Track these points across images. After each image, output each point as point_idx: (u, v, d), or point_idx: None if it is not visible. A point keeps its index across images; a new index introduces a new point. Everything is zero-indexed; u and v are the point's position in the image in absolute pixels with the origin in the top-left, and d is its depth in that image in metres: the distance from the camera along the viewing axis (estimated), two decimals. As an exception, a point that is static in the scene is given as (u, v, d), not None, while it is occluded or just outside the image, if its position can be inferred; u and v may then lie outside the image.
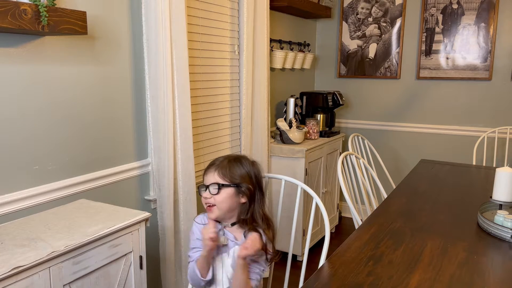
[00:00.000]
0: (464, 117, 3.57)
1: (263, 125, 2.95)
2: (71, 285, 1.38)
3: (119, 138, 2.02)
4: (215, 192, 1.38)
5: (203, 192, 1.42)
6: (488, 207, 1.74)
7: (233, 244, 1.42)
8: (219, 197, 1.39)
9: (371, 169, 2.62)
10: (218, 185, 1.38)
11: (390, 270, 1.29)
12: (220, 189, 1.38)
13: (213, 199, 1.39)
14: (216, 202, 1.39)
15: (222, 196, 1.39)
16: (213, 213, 1.40)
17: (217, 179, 1.40)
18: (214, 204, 1.39)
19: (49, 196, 1.72)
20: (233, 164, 1.41)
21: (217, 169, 1.41)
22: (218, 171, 1.40)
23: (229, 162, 1.42)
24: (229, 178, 1.39)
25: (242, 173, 1.41)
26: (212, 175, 1.41)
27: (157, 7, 1.98)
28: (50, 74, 1.69)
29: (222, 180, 1.39)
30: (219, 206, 1.39)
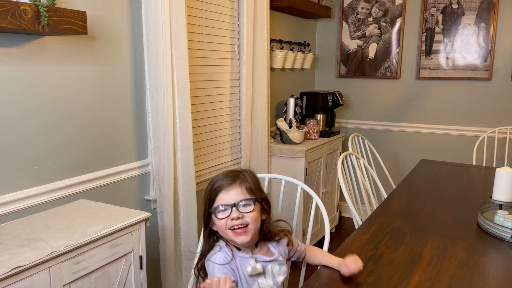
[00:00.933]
0: (464, 117, 3.57)
1: (263, 125, 2.95)
2: (71, 285, 1.38)
3: (119, 138, 2.02)
4: (250, 209, 1.19)
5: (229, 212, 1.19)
6: (488, 207, 1.74)
7: (266, 265, 1.25)
8: (252, 216, 1.19)
9: (371, 169, 2.62)
10: (253, 200, 1.20)
11: (390, 270, 1.29)
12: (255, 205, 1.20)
13: (247, 217, 1.19)
14: (250, 220, 1.19)
15: (254, 214, 1.20)
16: (247, 235, 1.19)
17: (245, 195, 1.21)
18: (248, 223, 1.19)
19: (49, 196, 1.72)
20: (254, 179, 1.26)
21: (242, 183, 1.22)
22: (244, 187, 1.22)
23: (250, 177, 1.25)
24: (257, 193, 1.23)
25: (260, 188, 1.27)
26: (239, 191, 1.21)
27: (157, 7, 1.98)
28: (50, 74, 1.69)
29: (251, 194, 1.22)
30: (252, 225, 1.19)
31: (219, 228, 1.22)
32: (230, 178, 1.23)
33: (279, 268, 1.28)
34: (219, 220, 1.20)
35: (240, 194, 1.21)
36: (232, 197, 1.21)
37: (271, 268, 1.27)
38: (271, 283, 1.26)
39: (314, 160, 3.17)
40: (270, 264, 1.27)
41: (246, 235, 1.19)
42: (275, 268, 1.27)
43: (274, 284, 1.27)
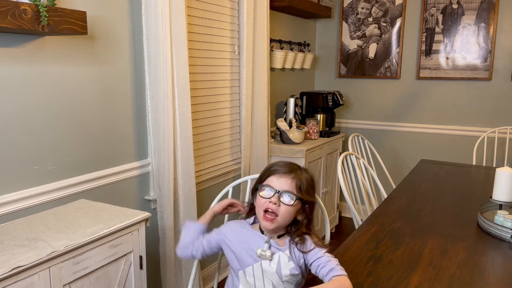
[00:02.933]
0: (464, 117, 3.57)
1: (263, 125, 2.95)
2: (71, 285, 1.38)
3: (119, 138, 2.02)
4: (289, 203, 1.24)
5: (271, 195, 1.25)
6: (488, 207, 1.74)
7: (277, 251, 1.28)
8: (286, 210, 1.24)
9: (371, 169, 2.62)
10: (296, 196, 1.24)
11: (390, 270, 1.29)
12: (296, 202, 1.24)
13: (278, 207, 1.24)
14: (280, 213, 1.24)
15: (290, 209, 1.24)
16: (272, 223, 1.25)
17: (291, 189, 1.25)
18: (277, 214, 1.24)
19: (49, 196, 1.72)
20: (309, 179, 1.29)
21: (295, 178, 1.26)
22: (297, 182, 1.26)
23: (307, 174, 1.29)
24: (304, 194, 1.26)
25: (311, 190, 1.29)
26: (289, 182, 1.26)
27: (157, 7, 1.98)
28: (50, 74, 1.69)
29: (298, 193, 1.25)
30: (282, 218, 1.24)
31: (257, 204, 1.29)
32: (287, 168, 1.29)
33: (287, 261, 1.27)
34: (260, 198, 1.27)
35: (289, 186, 1.26)
36: (281, 185, 1.26)
37: (279, 256, 1.28)
38: (274, 270, 1.27)
39: (314, 160, 3.17)
40: (280, 252, 1.28)
41: (271, 223, 1.25)
42: (283, 259, 1.27)
43: (277, 272, 1.27)
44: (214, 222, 1.45)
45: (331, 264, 1.20)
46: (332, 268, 1.18)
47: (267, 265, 1.27)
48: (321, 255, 1.23)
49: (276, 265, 1.27)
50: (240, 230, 1.35)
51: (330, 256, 1.23)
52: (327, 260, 1.21)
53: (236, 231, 1.35)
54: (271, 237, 1.29)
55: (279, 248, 1.28)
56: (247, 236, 1.32)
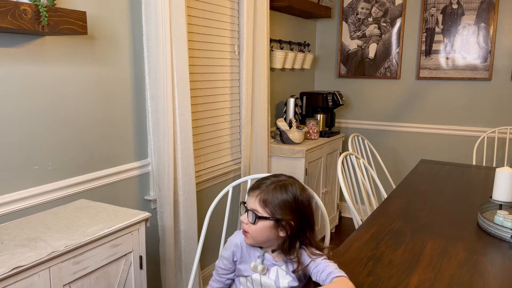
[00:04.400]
0: (464, 117, 3.57)
1: (263, 125, 2.95)
2: (71, 285, 1.38)
3: (119, 138, 2.02)
4: (252, 221, 1.23)
5: (243, 215, 1.27)
6: (488, 207, 1.74)
7: (273, 265, 1.28)
8: (254, 228, 1.23)
9: (371, 169, 2.62)
10: (255, 216, 1.23)
11: (390, 270, 1.29)
12: (257, 220, 1.23)
13: (248, 226, 1.24)
14: (250, 231, 1.24)
15: (258, 227, 1.23)
16: (247, 239, 1.28)
17: (257, 206, 1.23)
18: (248, 231, 1.25)
19: (49, 196, 1.72)
20: (278, 192, 1.23)
21: (260, 195, 1.24)
22: (260, 198, 1.23)
23: (274, 190, 1.24)
24: (270, 210, 1.22)
25: (285, 205, 1.22)
26: (254, 199, 1.25)
27: (157, 7, 1.98)
28: (50, 74, 1.69)
29: (262, 209, 1.23)
30: (253, 235, 1.25)
31: None
32: (256, 183, 1.28)
33: (285, 275, 1.28)
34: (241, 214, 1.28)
35: (253, 204, 1.25)
36: (249, 202, 1.26)
37: (277, 270, 1.28)
38: (272, 282, 1.28)
39: (314, 160, 3.17)
40: (276, 267, 1.28)
41: (247, 239, 1.27)
42: (281, 272, 1.28)
43: (275, 283, 1.28)
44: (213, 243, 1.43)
45: (329, 268, 1.19)
46: (331, 272, 1.18)
47: (266, 277, 1.28)
48: (319, 262, 1.23)
49: (275, 276, 1.28)
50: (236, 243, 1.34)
51: (328, 261, 1.23)
52: (325, 265, 1.21)
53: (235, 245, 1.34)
54: (265, 251, 1.29)
55: (275, 263, 1.28)
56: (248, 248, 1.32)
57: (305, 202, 1.26)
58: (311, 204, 1.29)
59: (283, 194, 1.23)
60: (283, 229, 1.22)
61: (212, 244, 2.60)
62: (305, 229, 1.25)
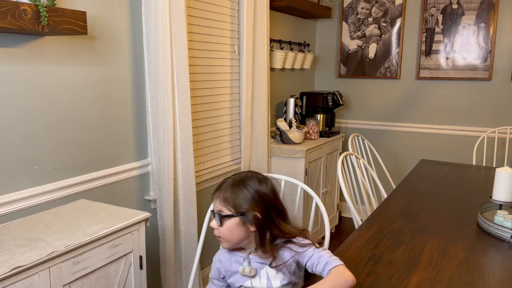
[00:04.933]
0: (464, 117, 3.57)
1: (263, 125, 2.95)
2: (71, 285, 1.38)
3: (119, 138, 2.02)
4: (219, 224, 1.22)
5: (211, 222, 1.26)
6: (488, 207, 1.74)
7: (261, 266, 1.26)
8: (223, 230, 1.22)
9: (371, 169, 2.62)
10: (220, 216, 1.22)
11: (390, 270, 1.29)
12: (223, 221, 1.22)
13: (218, 230, 1.23)
14: (221, 234, 1.23)
15: (226, 227, 1.22)
16: (223, 244, 1.26)
17: (220, 207, 1.23)
18: (221, 236, 1.24)
19: (49, 196, 1.72)
20: (236, 188, 1.23)
21: (220, 196, 1.23)
22: (221, 198, 1.23)
23: (233, 187, 1.23)
24: (232, 207, 1.21)
25: (247, 198, 1.22)
26: (216, 201, 1.24)
27: (157, 7, 1.98)
28: (50, 74, 1.69)
29: (225, 209, 1.22)
30: (225, 238, 1.23)
31: None
32: (218, 186, 1.26)
33: (275, 273, 1.25)
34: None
35: (217, 206, 1.24)
36: (215, 206, 1.25)
37: (266, 270, 1.26)
38: (265, 286, 1.26)
39: (314, 160, 3.17)
40: (265, 267, 1.26)
41: (223, 244, 1.26)
42: (271, 272, 1.26)
43: (268, 287, 1.26)
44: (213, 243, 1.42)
45: (324, 258, 1.18)
46: (326, 262, 1.17)
47: (257, 282, 1.26)
48: (311, 253, 1.22)
49: (266, 280, 1.26)
50: (223, 256, 1.33)
51: (320, 251, 1.21)
52: (319, 256, 1.19)
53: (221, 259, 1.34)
54: (250, 253, 1.27)
55: (263, 262, 1.25)
56: (230, 259, 1.31)
57: (267, 192, 1.25)
58: (275, 193, 1.27)
59: (241, 188, 1.22)
60: (251, 224, 1.21)
61: (212, 244, 2.60)
62: (273, 218, 1.24)
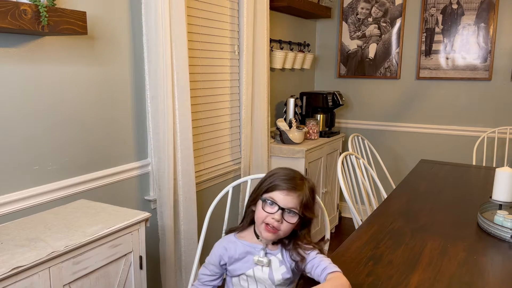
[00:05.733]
0: (464, 117, 3.57)
1: (263, 125, 2.95)
2: (71, 285, 1.38)
3: (119, 138, 2.02)
4: (292, 221, 1.24)
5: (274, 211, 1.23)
6: (488, 207, 1.74)
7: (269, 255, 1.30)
8: (288, 226, 1.24)
9: (371, 169, 2.62)
10: (299, 215, 1.24)
11: (390, 270, 1.29)
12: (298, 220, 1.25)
13: (281, 223, 1.23)
14: (282, 229, 1.24)
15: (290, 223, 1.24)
16: (272, 235, 1.25)
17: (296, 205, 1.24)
18: (279, 229, 1.24)
19: (49, 196, 1.72)
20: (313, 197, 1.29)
21: (302, 196, 1.25)
22: (301, 200, 1.24)
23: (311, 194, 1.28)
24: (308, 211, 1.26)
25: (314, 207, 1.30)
26: (294, 200, 1.24)
27: (157, 7, 1.98)
28: (50, 74, 1.69)
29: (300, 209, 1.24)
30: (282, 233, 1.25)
31: (257, 215, 1.28)
32: (293, 184, 1.26)
33: (279, 266, 1.29)
34: (263, 211, 1.25)
35: (293, 203, 1.24)
36: (285, 202, 1.24)
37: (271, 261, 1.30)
38: (266, 276, 1.29)
39: (314, 160, 3.17)
40: (272, 257, 1.30)
41: (273, 235, 1.26)
42: (275, 263, 1.29)
43: (269, 277, 1.29)
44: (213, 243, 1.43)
45: (323, 263, 1.22)
46: (325, 267, 1.20)
47: (260, 271, 1.29)
48: (313, 256, 1.25)
49: (268, 270, 1.29)
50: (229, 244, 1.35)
51: (322, 257, 1.25)
52: (320, 260, 1.23)
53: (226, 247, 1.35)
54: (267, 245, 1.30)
55: (271, 252, 1.30)
56: (236, 247, 1.33)
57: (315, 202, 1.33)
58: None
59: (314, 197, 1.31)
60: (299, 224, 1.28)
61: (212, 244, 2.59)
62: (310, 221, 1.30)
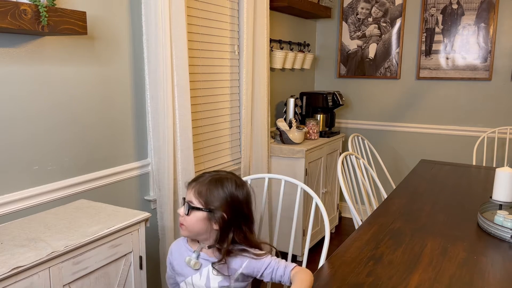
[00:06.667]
0: (464, 117, 3.57)
1: (263, 125, 2.95)
2: (70, 285, 1.38)
3: (119, 138, 2.02)
4: (185, 213, 1.28)
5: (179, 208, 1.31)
6: (488, 207, 1.74)
7: (206, 263, 1.31)
8: (189, 219, 1.27)
9: (371, 169, 2.62)
10: (189, 206, 1.28)
11: (390, 270, 1.29)
12: (191, 211, 1.27)
13: (184, 218, 1.28)
14: (185, 222, 1.28)
15: (191, 218, 1.27)
16: (183, 231, 1.31)
17: (192, 198, 1.28)
18: (183, 224, 1.29)
19: (49, 196, 1.72)
20: (213, 185, 1.28)
21: (195, 188, 1.29)
22: (195, 190, 1.28)
23: (210, 183, 1.28)
24: (204, 201, 1.27)
25: (220, 198, 1.27)
26: (190, 191, 1.29)
27: (157, 7, 1.98)
28: (50, 74, 1.69)
29: (196, 201, 1.27)
30: (188, 227, 1.28)
31: None
32: (196, 177, 1.33)
33: (216, 274, 1.30)
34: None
35: (189, 196, 1.29)
36: (187, 195, 1.30)
37: (209, 269, 1.31)
38: (203, 284, 1.31)
39: (314, 160, 3.17)
40: (209, 265, 1.31)
41: (183, 231, 1.30)
42: (212, 272, 1.30)
43: (205, 285, 1.31)
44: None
45: (282, 263, 1.27)
46: (285, 265, 1.26)
47: (197, 278, 1.32)
48: (269, 261, 1.28)
49: (205, 278, 1.31)
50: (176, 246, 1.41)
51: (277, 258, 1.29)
52: (277, 262, 1.27)
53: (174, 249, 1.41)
54: (202, 248, 1.33)
55: (208, 259, 1.31)
56: (181, 249, 1.37)
57: (241, 197, 1.30)
58: (249, 200, 1.32)
59: (217, 187, 1.28)
60: (216, 222, 1.26)
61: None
62: (240, 224, 1.29)
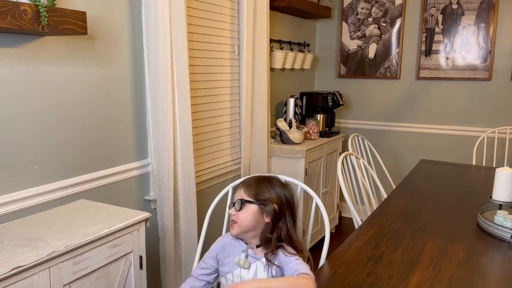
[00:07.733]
0: (464, 117, 3.57)
1: (263, 125, 2.95)
2: (71, 285, 1.38)
3: (119, 138, 2.02)
4: (238, 208, 1.35)
5: (230, 209, 1.39)
6: (488, 207, 1.74)
7: (254, 261, 1.36)
8: (241, 214, 1.34)
9: (371, 169, 2.62)
10: (242, 201, 1.35)
11: (390, 270, 1.29)
12: (243, 205, 1.35)
13: (236, 215, 1.35)
14: (238, 219, 1.35)
15: (244, 212, 1.34)
16: (234, 229, 1.37)
17: (243, 195, 1.37)
18: (235, 221, 1.35)
19: (49, 196, 1.72)
20: (261, 182, 1.38)
21: (244, 186, 1.38)
22: (245, 189, 1.37)
23: (257, 180, 1.39)
24: (254, 196, 1.35)
25: (269, 192, 1.37)
26: (239, 192, 1.38)
27: (157, 7, 1.98)
28: (50, 74, 1.69)
29: (247, 197, 1.36)
30: (240, 223, 1.35)
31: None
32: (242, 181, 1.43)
33: (262, 271, 1.34)
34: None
35: (240, 195, 1.37)
36: (235, 197, 1.40)
37: (257, 265, 1.35)
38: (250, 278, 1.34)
39: (314, 160, 3.17)
40: (257, 262, 1.35)
41: (233, 229, 1.37)
42: (260, 268, 1.34)
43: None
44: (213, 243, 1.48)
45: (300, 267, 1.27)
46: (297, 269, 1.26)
47: (245, 273, 1.36)
48: (292, 260, 1.30)
49: (253, 273, 1.35)
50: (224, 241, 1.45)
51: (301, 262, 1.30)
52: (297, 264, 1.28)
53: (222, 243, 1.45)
54: (250, 247, 1.37)
55: (256, 257, 1.36)
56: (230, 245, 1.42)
57: (288, 195, 1.38)
58: (294, 199, 1.41)
59: (266, 183, 1.38)
60: (267, 215, 1.33)
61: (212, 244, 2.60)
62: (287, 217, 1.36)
